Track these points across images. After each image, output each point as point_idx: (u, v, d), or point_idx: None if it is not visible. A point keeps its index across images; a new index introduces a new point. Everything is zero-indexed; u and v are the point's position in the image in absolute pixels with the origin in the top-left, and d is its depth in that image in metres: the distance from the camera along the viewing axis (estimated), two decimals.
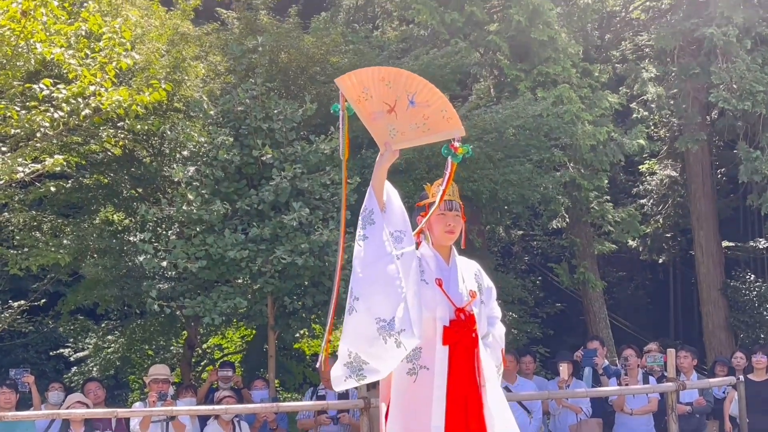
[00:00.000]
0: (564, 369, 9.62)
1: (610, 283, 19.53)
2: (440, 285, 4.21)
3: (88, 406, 8.61)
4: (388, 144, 4.05)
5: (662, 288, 22.60)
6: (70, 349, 15.89)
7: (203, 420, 9.19)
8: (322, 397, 9.30)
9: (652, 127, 18.60)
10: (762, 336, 16.51)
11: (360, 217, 4.05)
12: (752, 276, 18.29)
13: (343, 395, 9.16)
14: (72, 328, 14.90)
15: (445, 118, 4.02)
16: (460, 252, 4.42)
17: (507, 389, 9.60)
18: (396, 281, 3.85)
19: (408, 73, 4.02)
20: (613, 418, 9.92)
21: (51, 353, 16.63)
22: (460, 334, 4.16)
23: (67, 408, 8.46)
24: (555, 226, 18.33)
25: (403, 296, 3.83)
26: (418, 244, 4.25)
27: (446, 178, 4.21)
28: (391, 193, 4.09)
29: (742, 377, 10.31)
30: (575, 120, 13.61)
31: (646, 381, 9.84)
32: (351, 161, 11.86)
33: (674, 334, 20.89)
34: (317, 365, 4.45)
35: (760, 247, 19.30)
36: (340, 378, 3.93)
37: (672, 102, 17.56)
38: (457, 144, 4.06)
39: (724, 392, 10.58)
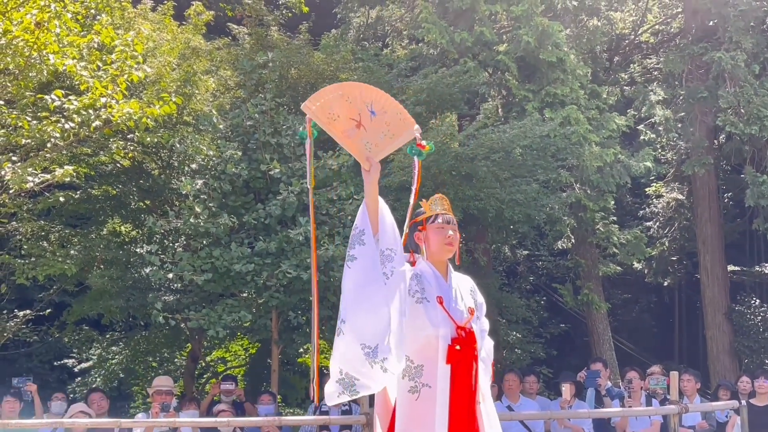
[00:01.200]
0: (566, 389, 9.61)
1: (614, 305, 19.50)
2: (441, 303, 4.22)
3: (91, 416, 8.63)
4: (369, 158, 4.03)
5: (667, 311, 22.57)
6: (74, 360, 15.92)
7: None
8: (325, 413, 9.31)
9: (659, 150, 18.61)
10: (767, 361, 16.44)
11: (351, 235, 4.06)
12: (757, 301, 18.25)
13: (346, 411, 9.18)
14: (76, 338, 14.91)
15: (402, 120, 4.05)
16: (454, 268, 4.44)
17: (509, 408, 9.62)
18: (383, 307, 3.85)
19: (361, 84, 4.08)
20: None
21: (55, 363, 16.66)
22: (463, 352, 4.18)
23: (71, 417, 8.48)
24: (560, 247, 18.32)
25: (388, 322, 3.83)
26: (413, 263, 4.27)
27: (415, 177, 4.22)
28: (383, 210, 4.06)
29: (744, 402, 10.29)
30: (582, 141, 13.65)
31: (649, 403, 9.83)
32: (358, 177, 11.91)
33: (678, 358, 20.84)
34: (311, 396, 4.45)
35: (766, 272, 19.28)
36: (333, 394, 3.95)
37: (679, 125, 17.57)
38: (423, 142, 4.07)
39: (726, 416, 10.55)
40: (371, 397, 7.82)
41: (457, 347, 4.15)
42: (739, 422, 10.21)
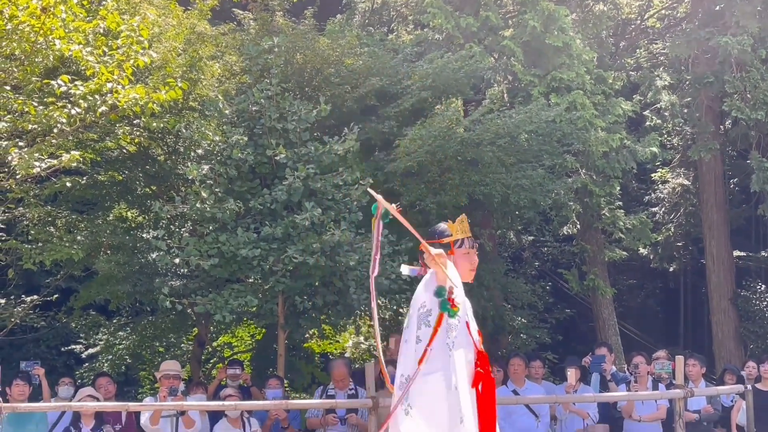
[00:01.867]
0: (572, 374, 9.66)
1: (620, 290, 19.51)
2: (468, 327, 4.29)
3: (99, 401, 8.68)
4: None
5: (673, 297, 22.57)
6: (81, 345, 15.98)
7: (213, 417, 9.26)
8: (332, 397, 9.36)
9: (665, 136, 18.59)
10: None
11: (417, 314, 4.24)
12: (763, 286, 18.25)
13: (352, 395, 9.23)
14: (83, 323, 14.97)
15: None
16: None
17: (515, 392, 9.65)
18: (450, 403, 4.10)
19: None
20: (620, 424, 9.95)
21: (62, 349, 16.73)
22: (484, 374, 4.26)
23: (79, 401, 8.53)
24: (566, 232, 18.34)
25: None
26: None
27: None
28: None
29: (750, 386, 10.32)
30: (588, 126, 13.63)
31: (655, 388, 9.86)
32: (364, 163, 11.94)
33: (684, 343, 20.86)
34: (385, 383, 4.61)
35: None
36: None
37: (685, 110, 17.56)
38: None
39: (732, 400, 10.58)
40: (378, 382, 7.87)
41: (480, 370, 4.25)
42: (745, 406, 10.25)
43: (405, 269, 4.47)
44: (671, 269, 20.89)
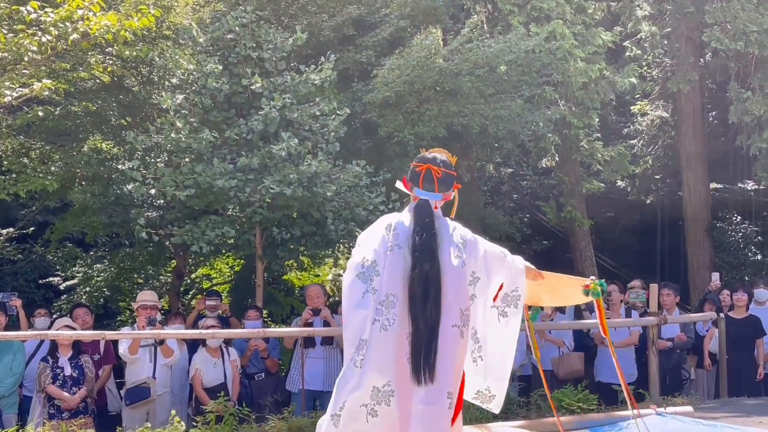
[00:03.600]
0: None
1: (597, 223, 19.60)
2: None
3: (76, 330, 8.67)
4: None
5: (649, 230, 22.71)
6: (58, 278, 15.97)
7: (192, 348, 9.30)
8: (309, 325, 9.42)
9: (645, 68, 18.51)
10: (746, 278, 16.65)
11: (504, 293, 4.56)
12: (738, 217, 18.40)
13: (327, 324, 9.29)
14: (60, 255, 14.92)
15: None
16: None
17: None
18: None
19: None
20: (594, 352, 10.09)
21: (40, 282, 16.70)
22: None
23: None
24: (545, 166, 18.35)
25: None
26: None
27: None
28: None
29: (722, 314, 10.48)
30: (568, 57, 13.54)
31: (628, 316, 9.99)
32: (341, 93, 11.83)
33: (660, 276, 21.05)
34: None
35: (748, 189, 19.40)
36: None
37: (665, 42, 17.47)
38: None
39: (707, 330, 10.75)
40: None
41: None
42: (717, 334, 10.43)
43: None
44: (648, 202, 21.00)
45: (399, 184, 4.42)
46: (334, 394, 4.02)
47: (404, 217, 4.27)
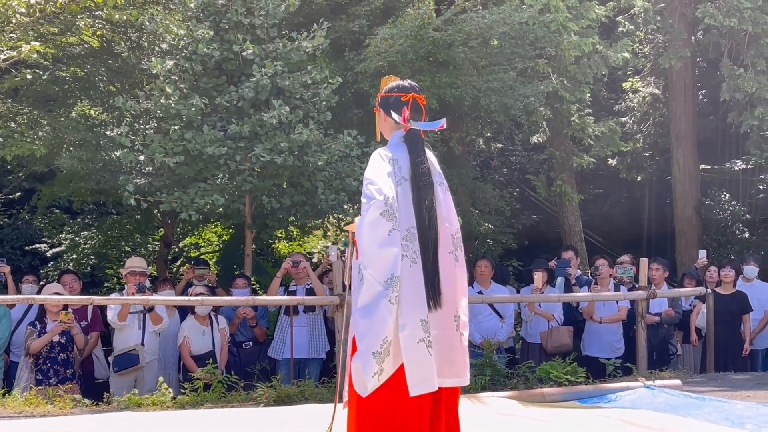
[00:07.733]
0: (538, 277, 9.74)
1: (586, 199, 19.60)
2: None
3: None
4: None
5: (638, 207, 22.75)
6: (45, 245, 15.85)
7: (182, 315, 9.27)
8: (293, 293, 9.42)
9: (638, 44, 18.44)
10: (733, 256, 16.71)
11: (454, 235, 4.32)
12: (727, 195, 18.44)
13: (310, 290, 9.29)
14: (47, 222, 14.80)
15: None
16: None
17: (480, 293, 9.74)
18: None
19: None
20: (583, 327, 10.12)
21: (26, 248, 16.59)
22: None
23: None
24: (536, 141, 18.31)
25: None
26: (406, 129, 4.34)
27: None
28: None
29: (710, 290, 10.52)
30: (561, 30, 13.44)
31: (617, 290, 10.01)
32: (333, 63, 11.72)
33: (647, 252, 21.10)
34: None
35: (737, 168, 19.42)
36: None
37: (658, 17, 17.39)
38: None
39: (690, 305, 10.79)
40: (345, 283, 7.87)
41: None
42: (704, 309, 10.48)
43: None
44: (638, 179, 21.00)
45: (395, 116, 4.34)
46: (364, 333, 3.96)
47: (398, 149, 4.25)
